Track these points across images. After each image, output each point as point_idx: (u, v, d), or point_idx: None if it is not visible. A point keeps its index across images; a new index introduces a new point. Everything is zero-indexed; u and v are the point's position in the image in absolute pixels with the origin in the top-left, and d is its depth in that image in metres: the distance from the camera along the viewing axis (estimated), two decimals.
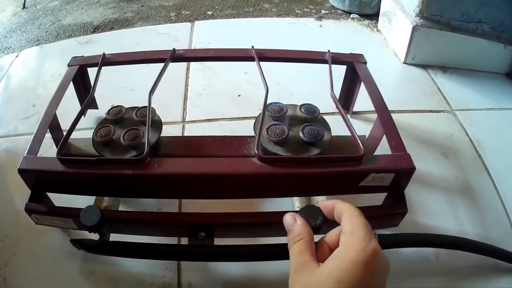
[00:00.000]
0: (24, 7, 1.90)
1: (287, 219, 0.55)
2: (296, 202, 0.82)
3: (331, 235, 0.53)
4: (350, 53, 0.98)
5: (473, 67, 1.35)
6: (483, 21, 1.26)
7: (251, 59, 0.93)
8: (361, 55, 0.98)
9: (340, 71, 0.99)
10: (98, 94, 0.93)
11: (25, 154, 0.71)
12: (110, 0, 1.89)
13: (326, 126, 0.79)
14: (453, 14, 1.25)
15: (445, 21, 1.27)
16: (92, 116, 1.06)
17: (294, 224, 0.54)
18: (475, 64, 1.35)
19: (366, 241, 0.46)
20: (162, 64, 0.90)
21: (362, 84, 0.90)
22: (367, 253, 0.45)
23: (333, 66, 0.91)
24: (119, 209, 0.84)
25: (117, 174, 0.67)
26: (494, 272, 0.81)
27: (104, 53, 0.94)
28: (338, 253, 0.47)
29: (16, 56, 1.44)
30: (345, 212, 0.52)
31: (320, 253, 0.51)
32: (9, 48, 1.57)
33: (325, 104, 0.86)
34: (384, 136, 0.78)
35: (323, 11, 1.71)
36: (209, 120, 1.12)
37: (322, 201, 0.57)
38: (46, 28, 1.67)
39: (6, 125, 1.13)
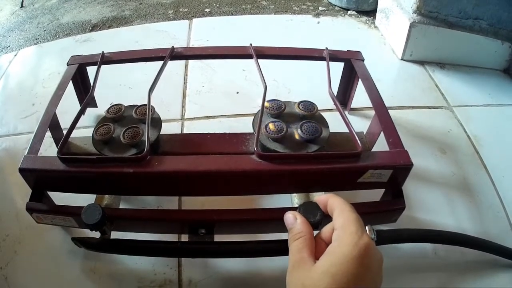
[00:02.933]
0: (22, 6, 1.89)
1: (288, 217, 0.56)
2: (295, 199, 0.82)
3: (325, 231, 0.54)
4: (348, 51, 0.98)
5: (471, 64, 1.36)
6: (480, 18, 1.26)
7: (249, 56, 0.93)
8: (358, 52, 0.98)
9: (338, 68, 1.00)
10: (97, 92, 0.93)
11: (25, 154, 0.72)
12: None
13: (324, 123, 0.80)
14: (450, 10, 1.26)
15: (443, 17, 1.27)
16: (91, 114, 1.06)
17: (295, 222, 0.55)
18: (473, 61, 1.35)
19: (358, 236, 0.47)
20: (160, 62, 0.90)
21: (360, 80, 0.91)
22: (359, 248, 0.46)
23: (331, 63, 0.92)
24: (120, 207, 0.85)
25: (118, 172, 0.67)
26: (492, 267, 0.82)
27: (103, 51, 0.94)
28: (332, 249, 0.49)
29: (15, 55, 1.44)
30: (337, 208, 0.53)
31: (317, 249, 0.52)
32: (7, 47, 1.56)
33: (323, 101, 0.87)
34: (382, 133, 0.79)
35: (320, 8, 1.71)
36: (207, 117, 1.12)
37: (317, 196, 0.58)
38: (44, 27, 1.67)
39: (5, 124, 1.14)
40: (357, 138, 0.72)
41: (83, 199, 0.74)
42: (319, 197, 0.57)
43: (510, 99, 1.23)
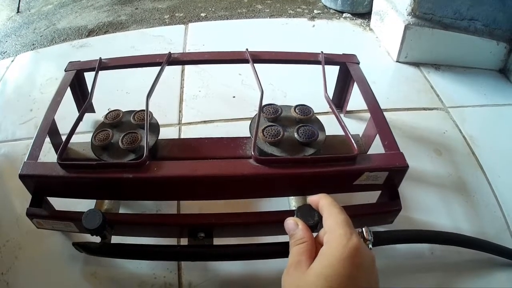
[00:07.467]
0: (18, 11, 1.89)
1: (289, 223, 0.56)
2: (292, 201, 0.83)
3: (321, 235, 0.54)
4: (343, 54, 0.99)
5: (466, 64, 1.37)
6: (475, 19, 1.27)
7: (245, 61, 0.94)
8: (354, 56, 0.99)
9: (333, 71, 1.00)
10: (95, 98, 0.93)
11: (25, 160, 0.72)
12: (104, 3, 1.89)
13: (321, 126, 0.80)
14: (445, 12, 1.27)
15: (437, 19, 1.28)
16: (88, 120, 1.07)
17: (296, 228, 0.55)
18: (468, 61, 1.36)
19: (347, 238, 0.48)
20: (157, 67, 0.91)
21: (356, 83, 0.91)
22: (349, 249, 0.47)
23: (326, 66, 0.93)
24: (120, 212, 0.85)
25: (117, 178, 0.68)
26: (488, 266, 0.83)
27: (100, 57, 0.94)
28: (323, 252, 0.49)
29: (12, 61, 1.45)
30: (325, 210, 0.54)
31: (316, 253, 0.53)
32: (4, 52, 1.57)
33: (319, 104, 0.87)
34: (378, 135, 0.79)
35: (315, 11, 1.72)
36: (205, 121, 1.13)
37: (310, 197, 0.58)
38: (41, 32, 1.68)
39: (4, 130, 1.14)
40: (353, 141, 0.72)
41: (83, 204, 0.75)
42: (311, 198, 0.58)
43: (506, 99, 1.24)
